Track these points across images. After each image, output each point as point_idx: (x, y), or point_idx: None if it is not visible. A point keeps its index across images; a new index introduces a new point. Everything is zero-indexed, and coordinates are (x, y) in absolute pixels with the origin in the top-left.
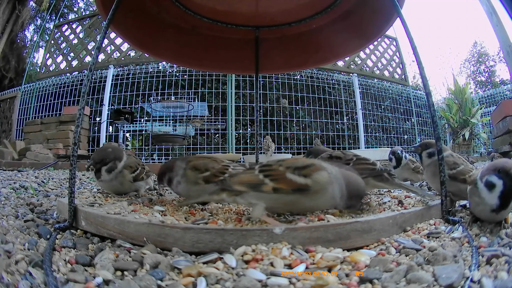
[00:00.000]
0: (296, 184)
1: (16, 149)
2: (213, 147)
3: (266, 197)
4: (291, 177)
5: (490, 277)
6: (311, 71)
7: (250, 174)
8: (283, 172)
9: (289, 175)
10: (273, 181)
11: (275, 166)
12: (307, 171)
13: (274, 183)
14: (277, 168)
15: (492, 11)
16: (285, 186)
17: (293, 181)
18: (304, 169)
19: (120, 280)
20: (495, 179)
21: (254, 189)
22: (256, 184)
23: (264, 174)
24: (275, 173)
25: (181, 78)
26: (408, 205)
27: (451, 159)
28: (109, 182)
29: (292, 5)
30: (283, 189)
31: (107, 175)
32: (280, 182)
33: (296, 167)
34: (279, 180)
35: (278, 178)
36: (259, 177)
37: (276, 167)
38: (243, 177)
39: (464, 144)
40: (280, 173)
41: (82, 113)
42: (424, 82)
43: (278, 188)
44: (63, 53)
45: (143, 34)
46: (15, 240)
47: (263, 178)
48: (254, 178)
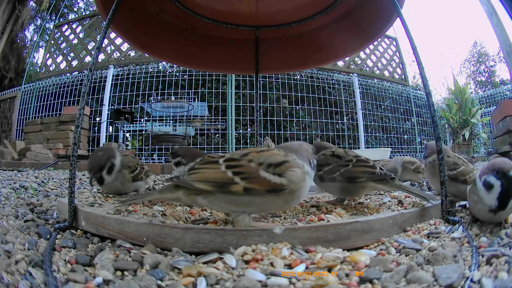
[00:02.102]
0: (270, 184)
1: (16, 149)
2: (213, 147)
3: (234, 200)
4: (265, 175)
5: (490, 277)
6: (311, 71)
7: (214, 170)
8: (255, 169)
9: (263, 173)
10: (245, 180)
11: (244, 161)
12: (282, 169)
13: (246, 183)
14: (247, 164)
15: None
16: (258, 187)
17: (267, 180)
18: (279, 166)
19: (120, 280)
20: (493, 179)
21: (221, 188)
22: (224, 183)
23: (233, 171)
24: (246, 170)
25: (181, 78)
26: (408, 205)
27: (451, 160)
28: (109, 183)
29: (292, 5)
30: (256, 190)
31: (109, 177)
32: (253, 181)
33: (269, 163)
34: (252, 179)
35: (250, 176)
36: (227, 174)
37: (246, 162)
38: (206, 173)
39: (464, 144)
40: (253, 171)
41: (82, 113)
42: (424, 82)
43: (251, 189)
44: (63, 53)
45: (143, 34)
46: (15, 240)
47: (232, 176)
48: (221, 175)
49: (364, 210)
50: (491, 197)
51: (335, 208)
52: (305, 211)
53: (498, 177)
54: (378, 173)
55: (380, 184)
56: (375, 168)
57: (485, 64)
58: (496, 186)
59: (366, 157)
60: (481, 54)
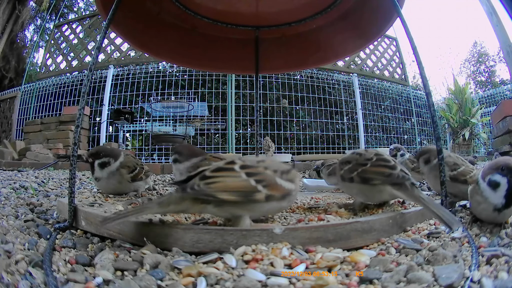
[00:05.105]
0: (285, 190)
1: (16, 149)
2: (213, 147)
3: (255, 207)
4: (281, 182)
5: (490, 277)
6: (311, 71)
7: (235, 178)
8: (273, 177)
9: (279, 180)
10: (266, 187)
11: (261, 168)
12: (291, 176)
13: (267, 190)
14: (264, 172)
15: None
16: (276, 193)
17: (283, 187)
18: (288, 173)
19: (120, 280)
20: (498, 177)
21: (246, 198)
22: (249, 192)
23: (256, 180)
24: (265, 177)
25: (181, 78)
26: (408, 205)
27: (452, 160)
28: (106, 181)
29: (292, 5)
30: (274, 196)
31: (99, 171)
32: (272, 188)
33: (282, 171)
34: (271, 186)
35: (270, 184)
36: (250, 183)
37: (263, 169)
38: (229, 183)
39: (464, 144)
40: (271, 178)
41: (82, 113)
42: (424, 82)
43: (270, 196)
44: (63, 53)
45: (143, 34)
46: (15, 240)
47: (255, 184)
48: (244, 184)
49: (364, 210)
50: (497, 195)
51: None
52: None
53: (504, 174)
54: (396, 174)
55: (398, 191)
56: (395, 169)
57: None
58: (502, 183)
59: (389, 157)
60: (481, 54)
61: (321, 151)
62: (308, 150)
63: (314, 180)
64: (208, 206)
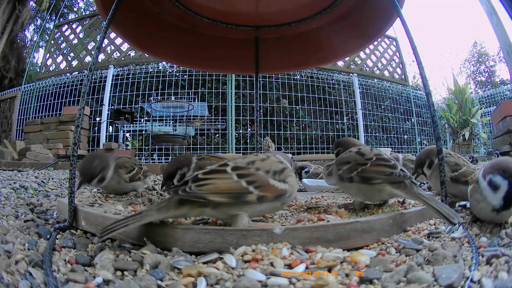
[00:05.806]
0: (278, 190)
1: (16, 149)
2: (213, 147)
3: (246, 208)
4: (274, 183)
5: (490, 277)
6: (311, 71)
7: (226, 180)
8: (265, 178)
9: (272, 181)
10: (257, 188)
11: (252, 169)
12: (284, 176)
13: (259, 191)
14: (256, 173)
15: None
16: (269, 194)
17: (276, 188)
18: (282, 173)
19: (120, 280)
20: (499, 179)
21: (237, 199)
22: (239, 193)
23: (247, 181)
24: (257, 178)
25: (181, 78)
26: (408, 205)
27: (453, 160)
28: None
29: (292, 5)
30: (267, 197)
31: (98, 185)
32: (265, 189)
33: (274, 171)
34: (263, 188)
35: (262, 185)
36: (241, 184)
37: (254, 170)
38: (219, 184)
39: (464, 144)
40: (263, 179)
41: (82, 113)
42: (424, 82)
43: (263, 197)
44: (63, 53)
45: (143, 34)
46: (15, 240)
47: (246, 185)
48: (235, 185)
49: (364, 210)
50: (496, 196)
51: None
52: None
53: (505, 176)
54: (396, 173)
55: (398, 189)
56: (395, 168)
57: (485, 64)
58: (503, 185)
59: (389, 157)
60: (481, 54)
61: (321, 151)
62: (308, 150)
63: (314, 180)
64: (206, 209)
